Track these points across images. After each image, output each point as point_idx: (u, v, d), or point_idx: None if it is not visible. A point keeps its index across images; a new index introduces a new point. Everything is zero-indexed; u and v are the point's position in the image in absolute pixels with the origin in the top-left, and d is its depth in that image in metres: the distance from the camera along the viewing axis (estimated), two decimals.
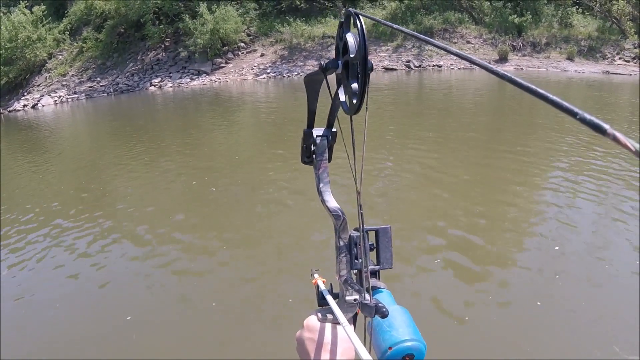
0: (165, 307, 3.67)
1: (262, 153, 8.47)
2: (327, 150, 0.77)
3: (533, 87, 0.28)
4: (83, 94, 21.98)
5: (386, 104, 12.14)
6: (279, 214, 5.43)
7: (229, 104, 15.45)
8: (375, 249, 0.77)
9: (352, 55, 0.55)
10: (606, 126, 0.23)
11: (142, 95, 19.96)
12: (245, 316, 3.46)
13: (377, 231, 0.77)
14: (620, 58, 19.24)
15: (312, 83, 0.72)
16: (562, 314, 3.23)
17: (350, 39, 0.56)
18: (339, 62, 0.59)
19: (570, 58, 18.77)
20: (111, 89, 21.62)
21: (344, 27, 0.58)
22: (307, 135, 0.78)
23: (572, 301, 3.37)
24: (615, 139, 0.23)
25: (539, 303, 3.33)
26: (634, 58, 19.18)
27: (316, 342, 0.67)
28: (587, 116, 0.24)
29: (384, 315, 0.61)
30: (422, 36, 0.44)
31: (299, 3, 19.96)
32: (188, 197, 6.35)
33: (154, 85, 20.59)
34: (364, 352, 0.53)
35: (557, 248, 4.13)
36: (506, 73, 0.30)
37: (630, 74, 18.16)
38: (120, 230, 5.28)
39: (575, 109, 0.25)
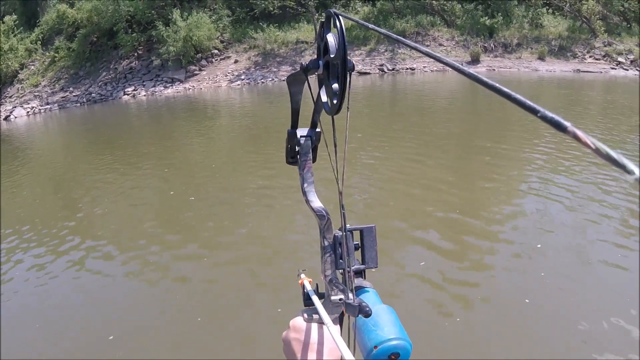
0: (149, 322, 3.56)
1: (239, 160, 8.43)
2: (311, 150, 0.77)
3: (498, 86, 0.28)
4: (56, 105, 21.61)
5: (361, 107, 12.17)
6: (260, 219, 5.39)
7: (204, 112, 15.34)
8: (360, 249, 0.77)
9: (332, 56, 0.54)
10: (567, 124, 0.23)
11: (115, 104, 19.70)
12: (233, 330, 3.36)
13: (361, 230, 0.76)
14: (590, 56, 19.54)
15: (295, 83, 0.71)
16: (550, 309, 3.26)
17: (331, 39, 0.55)
18: (320, 62, 0.59)
19: (541, 58, 19.01)
20: (84, 99, 21.30)
21: (324, 28, 0.57)
22: (291, 135, 0.77)
23: (559, 297, 3.40)
24: (575, 137, 0.23)
25: (527, 300, 3.36)
26: (604, 56, 19.50)
27: (302, 343, 0.67)
28: (549, 114, 0.24)
29: (367, 314, 0.60)
30: (410, 42, 0.43)
31: (272, 9, 19.88)
32: (167, 207, 6.24)
33: (128, 94, 20.34)
34: (346, 352, 0.53)
35: (539, 246, 4.18)
36: (473, 73, 0.30)
37: (601, 72, 18.46)
38: (99, 244, 5.14)
39: (537, 107, 0.24)
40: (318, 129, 0.76)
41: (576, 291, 3.48)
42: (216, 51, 20.78)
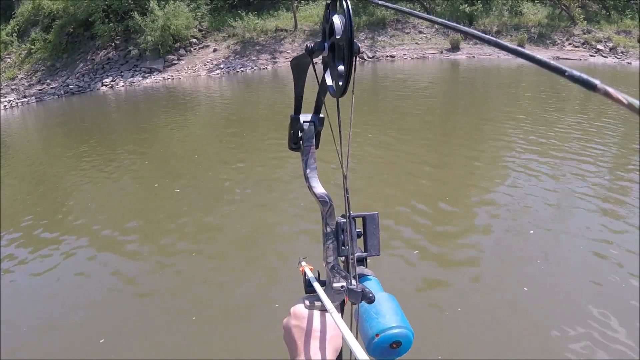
0: (141, 325, 3.35)
1: (222, 150, 8.28)
2: (314, 136, 0.76)
3: (532, 54, 0.29)
4: (33, 98, 21.15)
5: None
6: (250, 211, 5.23)
7: (183, 102, 15.08)
8: (362, 236, 0.76)
9: (337, 37, 0.54)
10: (596, 81, 0.23)
11: (93, 96, 19.33)
12: (230, 327, 3.18)
13: (364, 217, 0.76)
14: (570, 44, 19.65)
15: (299, 67, 0.70)
16: (550, 296, 3.25)
17: (337, 20, 0.55)
18: (325, 44, 0.58)
19: (520, 45, 19.05)
20: (62, 91, 20.87)
21: (330, 10, 0.56)
22: (294, 121, 0.77)
23: (556, 284, 3.38)
24: (606, 94, 0.23)
25: (525, 288, 3.34)
26: (583, 44, 19.62)
27: (305, 330, 0.67)
28: (576, 73, 0.24)
29: (371, 300, 0.58)
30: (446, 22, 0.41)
31: None
32: (153, 201, 5.99)
33: (106, 85, 19.98)
34: (351, 338, 0.52)
35: (531, 232, 4.18)
36: (527, 52, 0.30)
37: (580, 59, 18.58)
38: (85, 241, 4.86)
39: (563, 67, 0.25)
40: (322, 115, 0.75)
41: (573, 276, 3.47)
42: (195, 40, 20.49)
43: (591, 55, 18.87)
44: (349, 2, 0.51)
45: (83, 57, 21.87)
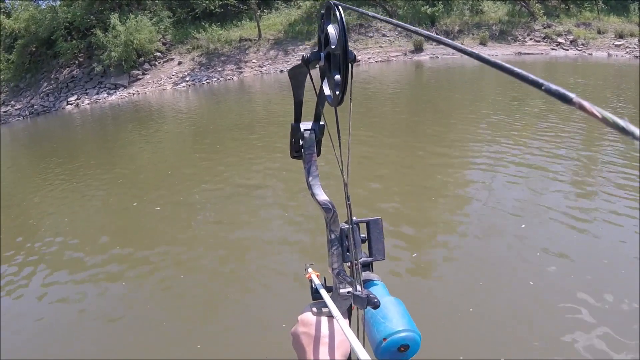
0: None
1: (195, 163, 8.13)
2: (315, 143, 0.76)
3: (502, 64, 0.29)
4: None
5: (310, 103, 12.15)
6: (236, 223, 5.09)
7: (151, 117, 14.90)
8: (367, 241, 0.77)
9: (333, 47, 0.54)
10: (572, 95, 0.24)
11: (59, 115, 19.04)
12: (237, 354, 3.00)
13: (368, 223, 0.76)
14: (531, 39, 20.04)
15: (297, 76, 0.71)
16: (555, 288, 3.25)
17: (332, 30, 0.55)
18: (321, 54, 0.59)
19: (483, 43, 19.38)
20: (26, 112, 20.53)
21: (324, 19, 0.57)
22: (295, 129, 0.77)
23: (559, 277, 3.39)
24: (581, 107, 0.23)
25: (531, 282, 3.34)
26: (544, 38, 20.03)
27: (313, 336, 0.67)
28: (553, 87, 0.24)
29: (376, 305, 0.60)
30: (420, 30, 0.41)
31: (213, 8, 19.58)
32: (136, 220, 5.77)
33: (71, 104, 19.70)
34: (356, 344, 0.53)
35: (523, 226, 4.24)
36: (488, 57, 0.30)
37: (542, 53, 18.97)
38: (70, 270, 4.55)
39: (541, 80, 0.25)
40: (322, 122, 0.76)
41: (576, 268, 3.48)
42: (159, 54, 20.32)
43: (552, 49, 19.28)
44: (342, 11, 0.50)
45: (47, 76, 21.54)
